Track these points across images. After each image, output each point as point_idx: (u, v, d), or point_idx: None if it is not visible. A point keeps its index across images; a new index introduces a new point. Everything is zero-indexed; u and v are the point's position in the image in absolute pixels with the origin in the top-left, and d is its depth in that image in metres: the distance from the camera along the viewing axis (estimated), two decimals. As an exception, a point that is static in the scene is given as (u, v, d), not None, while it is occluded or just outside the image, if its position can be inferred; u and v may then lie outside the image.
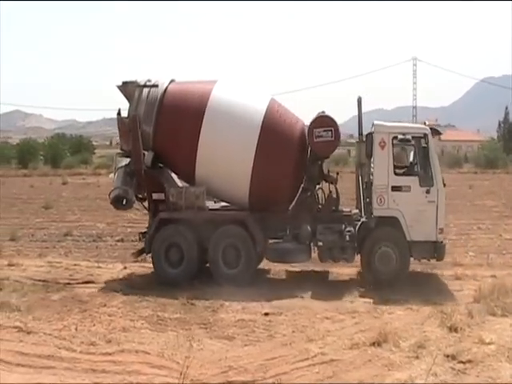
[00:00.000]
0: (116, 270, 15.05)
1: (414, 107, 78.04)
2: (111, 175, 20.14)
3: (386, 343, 9.25)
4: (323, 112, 13.74)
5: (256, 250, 13.43)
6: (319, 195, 14.19)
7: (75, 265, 15.50)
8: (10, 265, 15.33)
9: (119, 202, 14.11)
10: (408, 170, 13.66)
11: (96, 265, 15.45)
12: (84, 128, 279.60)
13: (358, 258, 13.62)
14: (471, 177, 44.88)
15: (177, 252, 13.61)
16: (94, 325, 10.39)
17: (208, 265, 13.72)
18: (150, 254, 14.07)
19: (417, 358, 8.76)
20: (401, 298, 11.98)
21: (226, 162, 13.56)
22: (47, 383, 8.00)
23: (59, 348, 9.18)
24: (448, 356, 8.71)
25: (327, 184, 14.18)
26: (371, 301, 12.03)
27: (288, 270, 14.82)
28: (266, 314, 11.12)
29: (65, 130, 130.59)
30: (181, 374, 7.68)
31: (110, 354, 8.94)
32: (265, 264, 14.63)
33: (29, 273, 14.67)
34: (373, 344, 9.23)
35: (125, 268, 15.15)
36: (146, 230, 14.39)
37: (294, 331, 10.13)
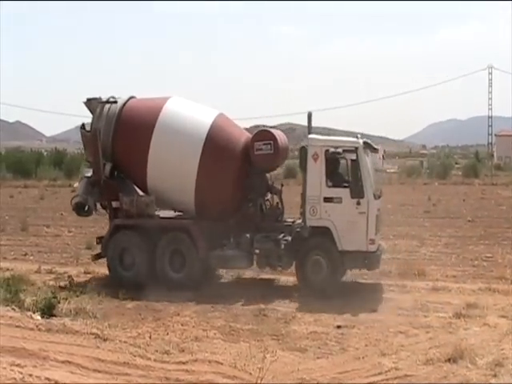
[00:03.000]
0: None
1: (490, 117, 76.11)
2: (76, 184, 20.71)
3: (462, 360, 8.99)
4: (264, 126, 14.57)
5: (199, 256, 13.99)
6: (265, 206, 14.85)
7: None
8: (86, 272, 15.91)
9: (81, 209, 15.23)
10: (340, 182, 13.96)
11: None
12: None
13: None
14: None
15: (129, 256, 14.50)
16: (168, 333, 10.57)
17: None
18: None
19: (494, 376, 8.50)
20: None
21: (172, 172, 14.38)
22: (123, 390, 8.15)
23: (134, 356, 9.30)
24: (528, 375, 8.43)
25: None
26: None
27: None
28: (339, 327, 11.09)
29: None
30: (255, 384, 7.70)
31: (183, 363, 9.02)
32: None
33: (104, 281, 15.05)
34: (448, 360, 9.00)
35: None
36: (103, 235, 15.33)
37: (366, 345, 10.04)
